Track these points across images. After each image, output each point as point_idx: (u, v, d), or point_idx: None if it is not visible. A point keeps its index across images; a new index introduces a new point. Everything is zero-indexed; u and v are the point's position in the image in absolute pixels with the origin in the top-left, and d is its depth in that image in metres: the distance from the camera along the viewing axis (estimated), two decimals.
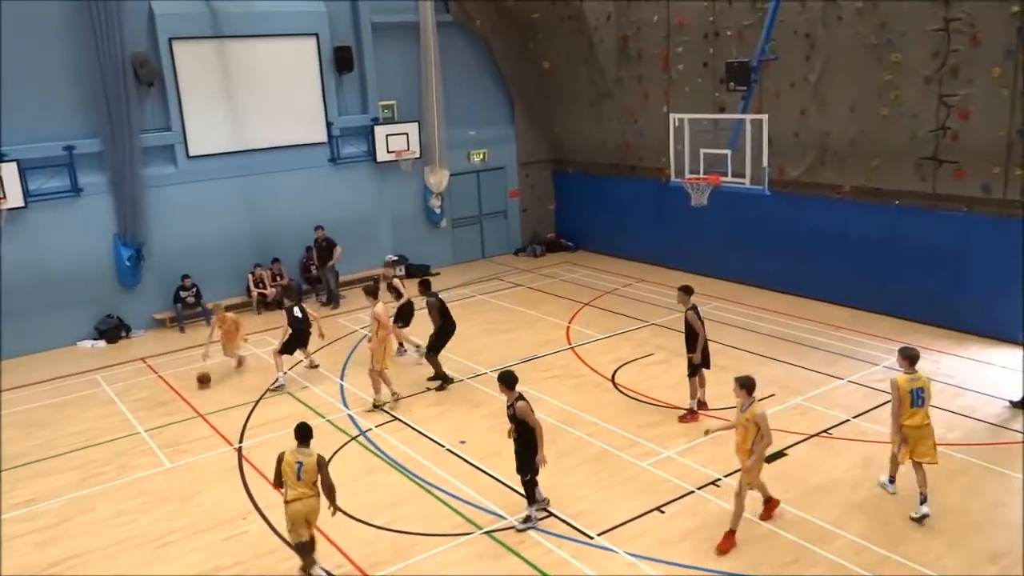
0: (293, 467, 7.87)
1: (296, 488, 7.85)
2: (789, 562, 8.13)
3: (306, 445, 8.00)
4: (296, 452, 7.95)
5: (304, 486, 7.85)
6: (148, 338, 16.87)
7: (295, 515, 7.86)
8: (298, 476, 7.84)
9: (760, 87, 15.66)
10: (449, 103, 20.26)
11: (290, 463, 7.90)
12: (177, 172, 17.40)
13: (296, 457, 7.91)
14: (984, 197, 13.74)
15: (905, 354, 8.90)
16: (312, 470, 7.86)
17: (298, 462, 7.87)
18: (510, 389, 8.80)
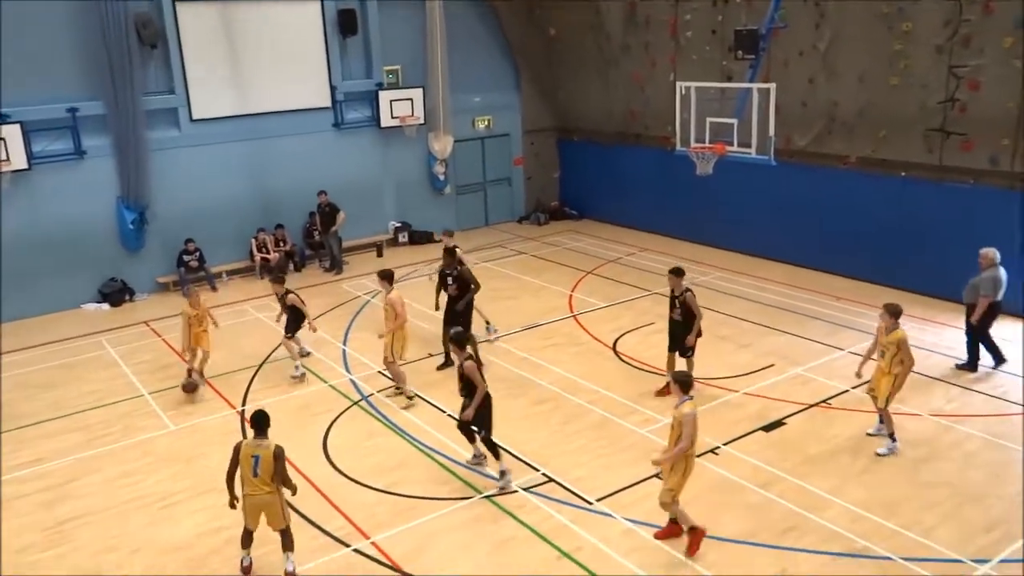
0: (249, 461, 7.37)
1: (252, 483, 7.41)
2: (786, 529, 8.22)
3: (263, 435, 7.46)
4: (252, 444, 7.42)
5: (261, 482, 7.39)
6: (151, 302, 16.94)
7: (252, 508, 7.55)
8: (254, 472, 7.35)
9: (768, 55, 15.49)
10: (454, 69, 20.10)
11: (246, 456, 7.39)
12: (180, 135, 17.34)
13: (252, 450, 7.39)
14: (991, 169, 13.65)
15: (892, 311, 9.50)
16: (269, 463, 7.34)
17: (254, 456, 7.36)
18: (461, 349, 9.15)
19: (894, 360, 9.38)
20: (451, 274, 12.46)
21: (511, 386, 11.85)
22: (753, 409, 10.82)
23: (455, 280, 12.41)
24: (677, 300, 11.05)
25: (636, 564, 7.78)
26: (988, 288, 11.41)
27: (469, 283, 12.45)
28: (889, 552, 7.79)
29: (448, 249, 12.78)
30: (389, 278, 11.60)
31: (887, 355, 9.45)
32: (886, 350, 9.45)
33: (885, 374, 9.48)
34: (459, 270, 12.50)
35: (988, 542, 7.89)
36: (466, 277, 12.49)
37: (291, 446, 10.18)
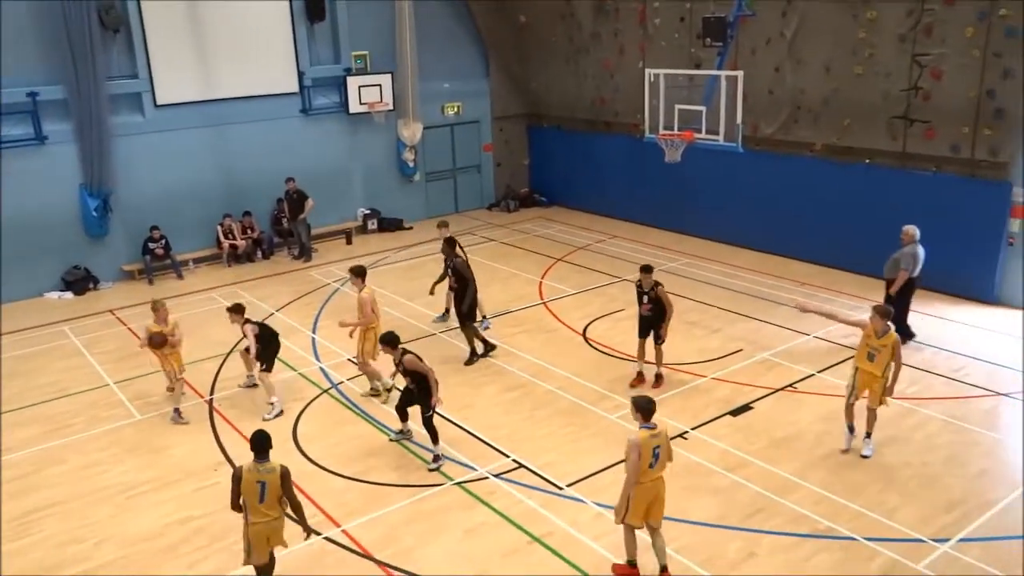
0: (255, 488, 6.76)
1: (258, 511, 6.83)
2: (753, 512, 8.35)
3: (265, 458, 6.87)
4: (255, 469, 6.81)
5: (268, 508, 6.84)
6: (116, 290, 16.69)
7: (256, 537, 6.94)
8: (261, 498, 6.78)
9: (736, 43, 15.61)
10: (423, 55, 19.95)
11: (250, 483, 6.77)
12: (145, 121, 17.04)
13: (256, 476, 6.78)
14: (953, 157, 13.90)
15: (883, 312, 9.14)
16: (276, 487, 6.81)
17: (260, 482, 6.75)
18: (393, 348, 9.43)
19: (888, 363, 8.98)
20: (449, 264, 12.43)
21: (481, 373, 11.87)
22: (721, 394, 10.96)
23: (452, 272, 12.35)
24: (647, 295, 10.99)
25: (606, 548, 7.86)
26: (908, 263, 11.87)
27: (466, 277, 12.16)
28: (853, 533, 7.95)
29: (448, 239, 12.64)
30: (362, 275, 11.18)
31: (878, 358, 8.98)
32: (877, 353, 8.99)
33: (877, 378, 9.06)
34: (455, 262, 12.35)
35: (949, 521, 8.08)
36: (461, 269, 12.24)
37: None
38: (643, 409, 7.15)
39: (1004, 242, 13.54)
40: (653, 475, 7.14)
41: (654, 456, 7.07)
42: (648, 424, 7.12)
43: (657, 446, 7.08)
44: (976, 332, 12.75)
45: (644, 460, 7.03)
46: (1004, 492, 8.55)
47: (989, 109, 13.20)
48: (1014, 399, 10.60)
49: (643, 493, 7.13)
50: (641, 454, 6.99)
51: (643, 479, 7.06)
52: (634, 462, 6.98)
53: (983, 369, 11.44)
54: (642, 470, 7.02)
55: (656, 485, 7.20)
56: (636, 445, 6.98)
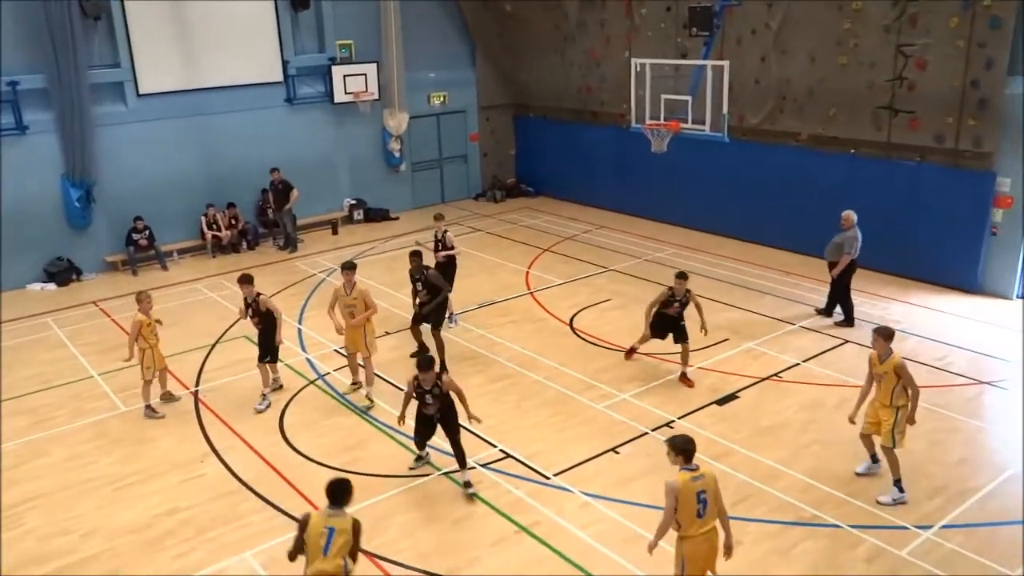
0: (321, 536, 5.99)
1: (319, 562, 5.98)
2: (739, 500, 8.39)
3: (340, 507, 6.12)
4: (326, 515, 6.07)
5: (333, 559, 5.96)
6: (100, 281, 16.55)
7: None
8: (325, 550, 5.96)
9: (722, 33, 15.63)
10: (408, 44, 19.86)
11: (317, 529, 6.01)
12: (127, 111, 16.88)
13: (326, 522, 6.03)
14: (937, 147, 13.98)
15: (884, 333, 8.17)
16: (346, 540, 5.99)
17: (329, 527, 5.99)
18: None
19: (895, 391, 8.10)
20: (419, 279, 11.44)
21: (468, 364, 11.87)
22: (707, 383, 11.01)
23: (424, 286, 11.43)
24: (679, 301, 10.95)
25: (593, 537, 7.89)
26: (851, 247, 12.33)
27: (439, 287, 11.55)
28: (838, 520, 8.02)
29: (415, 253, 11.60)
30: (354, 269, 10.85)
31: (883, 385, 8.14)
32: (882, 380, 8.15)
33: (884, 406, 8.18)
34: (427, 274, 11.48)
35: (931, 509, 8.16)
36: (434, 281, 11.52)
37: (247, 427, 10.20)
38: (682, 450, 6.26)
39: (987, 232, 13.64)
40: (703, 526, 6.18)
41: (700, 503, 6.11)
42: (689, 466, 6.22)
43: (702, 490, 6.13)
44: (959, 321, 12.86)
45: (688, 509, 6.10)
46: (985, 479, 8.65)
47: (973, 99, 13.27)
48: (996, 387, 10.71)
49: (696, 549, 6.21)
50: (682, 501, 6.07)
51: (692, 532, 6.15)
52: (670, 509, 6.11)
53: (966, 357, 11.55)
54: (688, 521, 6.11)
55: (710, 538, 6.23)
56: (674, 490, 6.09)
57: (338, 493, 6.16)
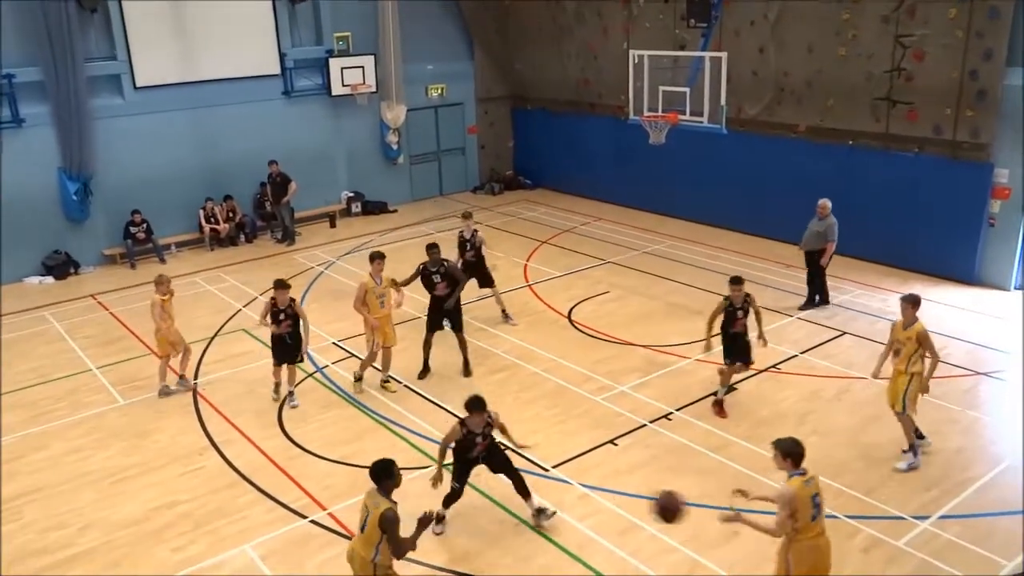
0: (362, 513, 6.14)
1: (354, 539, 6.26)
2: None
3: (382, 490, 6.07)
4: (371, 494, 6.11)
5: (365, 542, 6.05)
6: (98, 274, 16.54)
7: (349, 557, 6.28)
8: (361, 527, 6.12)
9: (720, 24, 15.59)
10: (406, 36, 19.81)
11: (361, 506, 6.17)
12: (124, 104, 16.84)
13: (367, 501, 6.10)
14: (935, 138, 13.96)
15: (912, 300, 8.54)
16: (373, 527, 5.95)
17: (366, 507, 6.08)
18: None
19: (912, 358, 8.42)
20: (437, 272, 11.00)
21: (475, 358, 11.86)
22: (705, 375, 11.00)
23: (444, 278, 11.03)
24: (741, 310, 9.89)
25: (592, 529, 7.91)
26: (833, 234, 12.67)
27: (458, 279, 11.23)
28: (835, 511, 8.02)
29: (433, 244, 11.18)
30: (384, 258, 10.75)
31: (904, 352, 8.45)
32: (903, 346, 8.44)
33: (901, 374, 8.50)
34: (447, 266, 11.16)
35: (928, 499, 8.19)
36: (453, 273, 11.23)
37: (246, 419, 10.23)
38: (792, 454, 6.07)
39: (985, 223, 13.65)
40: (818, 528, 6.06)
41: (815, 507, 5.99)
42: (799, 471, 6.06)
43: (815, 494, 6.01)
44: (957, 312, 12.87)
45: (804, 514, 5.94)
46: (982, 470, 8.67)
47: (971, 90, 13.26)
48: (994, 378, 10.73)
49: (809, 553, 6.06)
50: (798, 508, 5.90)
51: (807, 535, 6.00)
52: (782, 520, 5.91)
53: (964, 349, 11.56)
54: (804, 526, 5.95)
55: (820, 539, 6.10)
56: (790, 499, 5.87)
57: (378, 474, 6.10)
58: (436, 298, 11.10)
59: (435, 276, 11.00)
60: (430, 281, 11.03)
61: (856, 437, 9.36)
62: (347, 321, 13.28)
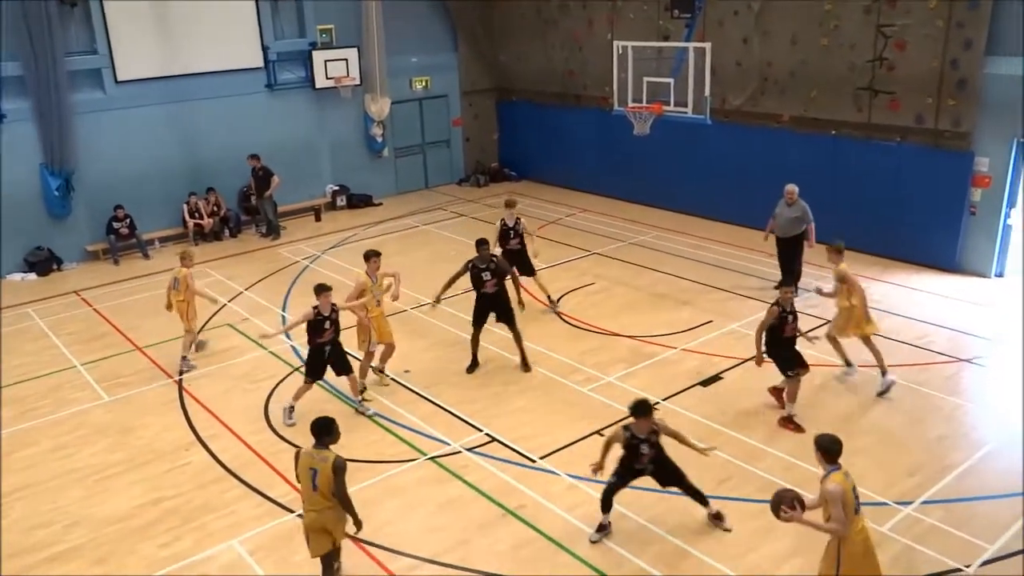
0: (308, 475, 6.41)
1: (311, 500, 6.49)
2: (724, 479, 8.48)
3: (323, 446, 6.46)
4: (311, 454, 6.44)
5: (321, 497, 6.41)
6: (81, 271, 16.42)
7: (311, 526, 6.59)
8: (313, 486, 6.40)
9: (704, 15, 15.60)
10: (389, 28, 19.73)
11: (304, 469, 6.45)
12: (106, 98, 16.70)
13: (310, 462, 6.41)
14: (917, 127, 14.05)
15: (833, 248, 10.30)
16: (327, 478, 6.34)
17: (312, 469, 6.38)
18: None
19: (841, 295, 10.08)
20: (486, 268, 10.72)
21: (453, 348, 11.88)
22: (691, 365, 11.07)
23: (494, 274, 10.78)
24: (792, 314, 9.36)
25: (579, 519, 7.95)
26: (810, 215, 12.82)
27: (507, 272, 11.12)
28: None
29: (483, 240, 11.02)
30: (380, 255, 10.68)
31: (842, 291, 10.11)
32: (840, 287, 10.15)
33: (844, 309, 10.17)
34: (497, 261, 10.92)
35: (911, 485, 8.28)
36: (504, 268, 11.04)
37: (232, 414, 10.21)
38: (831, 451, 6.00)
39: (966, 211, 13.76)
40: (861, 522, 6.03)
41: (856, 499, 5.96)
42: (836, 466, 5.98)
43: (854, 486, 5.97)
44: (939, 300, 12.99)
45: (850, 506, 5.87)
46: (964, 455, 8.77)
47: (952, 80, 13.35)
48: (975, 364, 10.84)
49: (861, 548, 5.99)
50: (846, 502, 5.84)
51: (854, 528, 5.92)
52: (842, 517, 5.82)
53: (945, 335, 11.68)
54: (850, 518, 5.87)
55: (868, 532, 6.11)
56: (842, 494, 5.81)
57: (319, 431, 6.46)
58: (482, 294, 10.89)
59: (484, 273, 10.76)
60: (479, 278, 10.78)
61: (839, 425, 9.40)
62: None
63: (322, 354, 9.73)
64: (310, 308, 9.55)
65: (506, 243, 12.65)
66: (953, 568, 7.11)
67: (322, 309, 9.53)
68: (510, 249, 12.55)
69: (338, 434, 6.58)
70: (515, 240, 12.71)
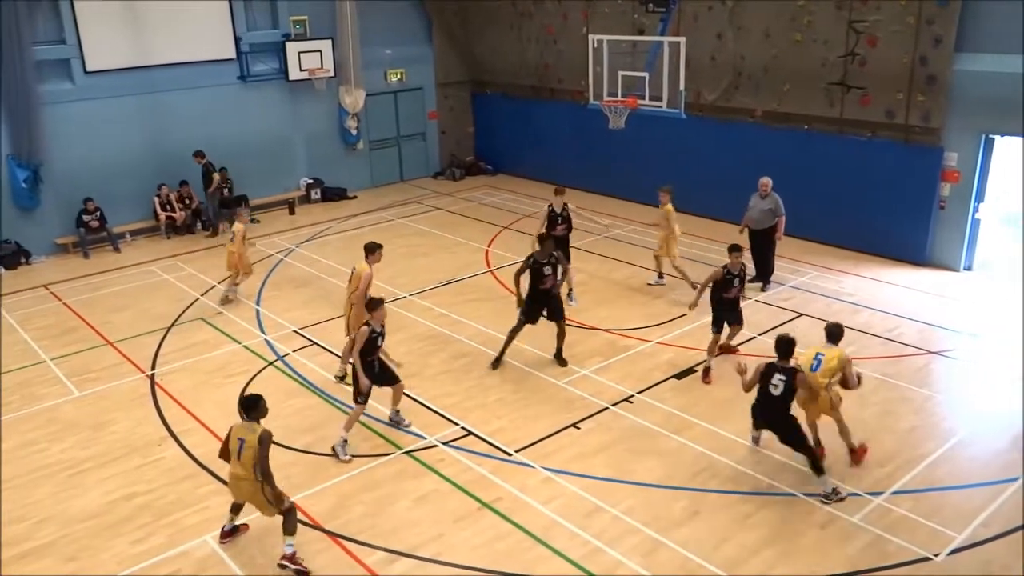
0: (235, 444, 7.12)
1: (235, 466, 7.18)
2: (697, 472, 8.56)
3: (254, 420, 7.12)
4: (242, 427, 7.14)
5: (242, 467, 7.09)
6: (50, 264, 16.17)
7: (233, 488, 7.39)
8: (238, 455, 7.09)
9: (679, 9, 15.66)
10: (364, 19, 19.59)
11: (234, 439, 7.15)
12: (74, 88, 16.42)
13: (240, 433, 7.11)
14: (887, 122, 14.22)
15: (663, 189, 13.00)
16: (253, 448, 6.99)
17: (240, 439, 7.09)
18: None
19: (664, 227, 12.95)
20: (548, 263, 10.63)
21: (429, 342, 11.86)
22: (666, 358, 11.14)
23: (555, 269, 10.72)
24: (738, 277, 10.47)
25: (555, 512, 7.98)
26: (782, 208, 13.03)
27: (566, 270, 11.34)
28: (792, 488, 8.22)
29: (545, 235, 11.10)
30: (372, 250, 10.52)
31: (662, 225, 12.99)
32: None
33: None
34: (558, 256, 10.90)
35: (882, 475, 8.40)
36: (564, 263, 11.19)
37: (205, 409, 10.12)
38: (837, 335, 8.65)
39: (936, 205, 13.96)
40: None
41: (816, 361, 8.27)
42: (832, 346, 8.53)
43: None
44: (909, 293, 13.17)
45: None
46: (933, 446, 8.91)
47: (922, 76, 13.52)
48: (945, 357, 11.01)
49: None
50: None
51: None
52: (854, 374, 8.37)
53: (915, 328, 11.85)
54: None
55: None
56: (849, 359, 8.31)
57: (247, 407, 7.15)
58: (541, 291, 10.74)
59: (546, 268, 10.65)
60: (540, 273, 10.65)
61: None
62: (307, 309, 13.22)
63: (372, 369, 9.04)
64: (364, 329, 8.79)
65: (553, 228, 12.77)
66: (923, 557, 7.23)
67: (376, 325, 8.87)
68: (556, 235, 12.35)
69: (265, 410, 7.21)
70: (562, 226, 12.92)
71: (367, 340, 8.75)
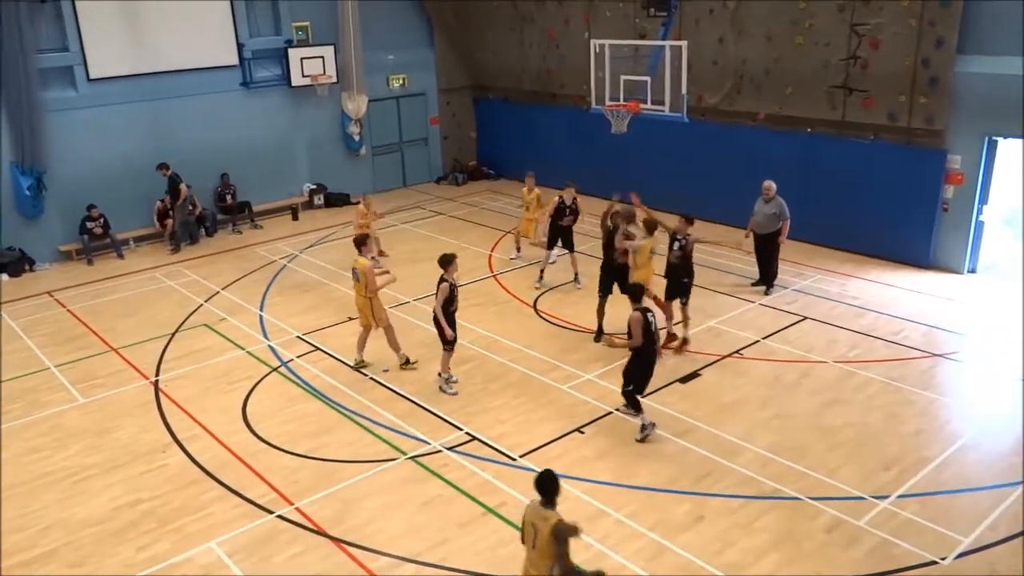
0: (529, 530, 5.96)
1: (529, 557, 6.02)
2: (701, 476, 8.54)
3: (549, 504, 5.89)
4: (534, 510, 5.93)
5: (539, 556, 5.89)
6: (54, 271, 16.20)
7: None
8: (533, 544, 5.94)
9: (680, 13, 15.67)
10: (366, 25, 19.63)
11: (527, 522, 5.99)
12: (78, 96, 16.46)
13: (532, 517, 5.92)
14: (890, 125, 14.20)
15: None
16: (544, 541, 5.81)
17: (532, 524, 5.92)
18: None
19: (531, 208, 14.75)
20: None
21: (433, 347, 11.83)
22: (669, 362, 11.11)
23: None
24: (678, 241, 11.33)
25: None
26: (786, 211, 12.99)
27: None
28: (797, 493, 8.19)
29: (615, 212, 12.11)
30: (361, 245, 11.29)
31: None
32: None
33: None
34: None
35: (887, 479, 8.37)
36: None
37: (210, 415, 10.12)
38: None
39: (939, 208, 13.94)
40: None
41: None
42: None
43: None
44: (913, 296, 13.15)
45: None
46: (938, 449, 8.89)
47: (924, 78, 13.51)
48: (950, 359, 10.99)
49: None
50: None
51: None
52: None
53: (920, 331, 11.82)
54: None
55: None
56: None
57: (540, 487, 5.94)
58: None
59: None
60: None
61: (816, 420, 9.53)
62: (311, 314, 13.22)
63: (454, 319, 10.32)
64: (444, 284, 10.03)
65: (560, 219, 13.77)
66: (929, 561, 7.20)
67: (451, 278, 10.10)
68: (562, 225, 13.72)
69: (560, 489, 6.00)
70: (570, 217, 13.78)
71: (448, 295, 9.97)
